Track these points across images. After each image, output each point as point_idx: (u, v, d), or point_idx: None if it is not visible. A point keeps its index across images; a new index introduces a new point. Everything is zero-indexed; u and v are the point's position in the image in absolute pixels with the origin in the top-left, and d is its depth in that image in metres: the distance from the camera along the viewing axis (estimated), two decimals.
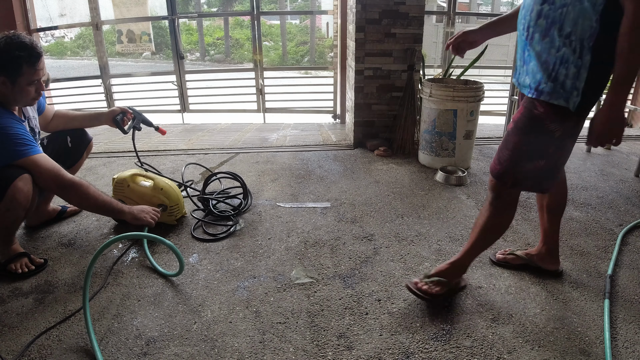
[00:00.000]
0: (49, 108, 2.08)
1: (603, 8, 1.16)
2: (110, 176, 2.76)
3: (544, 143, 1.34)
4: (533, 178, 1.40)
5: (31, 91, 1.71)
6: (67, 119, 2.13)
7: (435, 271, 1.58)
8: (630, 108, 4.18)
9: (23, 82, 1.66)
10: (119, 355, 1.34)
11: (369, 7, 3.07)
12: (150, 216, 1.97)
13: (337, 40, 4.21)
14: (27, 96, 1.71)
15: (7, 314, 1.53)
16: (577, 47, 1.21)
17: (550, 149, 1.34)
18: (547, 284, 1.70)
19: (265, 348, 1.37)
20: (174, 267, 1.78)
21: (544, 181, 1.41)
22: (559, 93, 1.26)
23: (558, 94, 1.26)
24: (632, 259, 1.89)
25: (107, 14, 5.12)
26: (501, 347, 1.38)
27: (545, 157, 1.36)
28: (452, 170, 2.80)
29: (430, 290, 1.53)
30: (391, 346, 1.38)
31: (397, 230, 2.11)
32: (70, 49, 18.00)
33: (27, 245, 1.97)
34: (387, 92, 3.29)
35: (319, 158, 3.16)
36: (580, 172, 2.93)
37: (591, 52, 1.20)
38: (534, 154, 1.36)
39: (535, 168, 1.37)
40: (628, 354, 1.35)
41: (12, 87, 1.66)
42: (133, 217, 1.92)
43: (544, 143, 1.34)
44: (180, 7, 4.09)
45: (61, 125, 2.11)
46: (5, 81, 1.64)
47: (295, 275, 1.75)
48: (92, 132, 2.24)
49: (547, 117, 1.30)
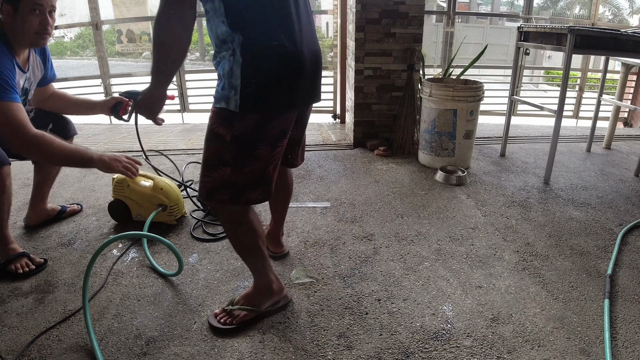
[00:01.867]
0: (52, 85, 2.02)
1: (224, 11, 1.14)
2: (110, 176, 2.76)
3: (220, 150, 1.25)
4: (228, 188, 1.28)
5: (34, 22, 1.59)
6: (65, 102, 2.03)
7: (240, 298, 1.50)
8: (630, 108, 4.18)
9: (25, 9, 1.56)
10: (119, 355, 1.34)
11: (369, 6, 3.07)
12: (123, 165, 1.80)
13: (336, 40, 4.21)
14: (30, 28, 1.59)
15: (7, 314, 1.53)
16: (230, 48, 1.18)
17: (227, 155, 1.25)
18: (547, 284, 1.70)
19: (265, 348, 1.37)
20: (173, 267, 1.78)
21: (247, 191, 1.30)
22: (220, 95, 1.21)
23: (220, 96, 1.21)
24: (632, 258, 1.89)
25: (107, 13, 5.12)
26: (501, 346, 1.38)
27: (229, 164, 1.25)
28: (452, 170, 2.80)
29: (238, 317, 1.45)
30: (391, 346, 1.38)
31: (397, 230, 2.11)
32: (70, 49, 17.99)
33: (27, 245, 1.97)
34: (387, 91, 3.29)
35: (319, 158, 3.15)
36: (580, 172, 2.93)
37: (239, 50, 1.16)
38: (216, 163, 1.26)
39: (222, 177, 1.27)
40: (628, 354, 1.35)
41: (14, 16, 1.56)
42: (104, 165, 1.74)
43: (220, 150, 1.25)
44: None
45: (57, 107, 2.01)
46: (9, 10, 1.55)
47: (295, 275, 1.75)
48: (92, 132, 2.23)
49: (215, 122, 1.24)
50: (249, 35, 1.16)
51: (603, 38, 2.47)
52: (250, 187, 1.31)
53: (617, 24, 11.63)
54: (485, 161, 3.12)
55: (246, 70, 1.17)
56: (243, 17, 1.16)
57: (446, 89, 2.77)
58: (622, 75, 3.41)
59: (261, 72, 1.19)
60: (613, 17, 17.73)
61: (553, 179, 2.77)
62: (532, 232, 2.10)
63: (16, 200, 2.45)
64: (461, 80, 3.14)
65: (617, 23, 14.91)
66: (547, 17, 13.13)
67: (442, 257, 1.87)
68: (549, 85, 9.19)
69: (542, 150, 3.36)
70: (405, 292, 1.64)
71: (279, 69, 1.21)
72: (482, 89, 2.84)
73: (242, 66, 1.17)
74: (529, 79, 7.82)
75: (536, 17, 4.94)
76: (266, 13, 1.18)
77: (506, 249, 1.95)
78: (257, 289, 1.50)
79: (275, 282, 1.52)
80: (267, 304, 1.50)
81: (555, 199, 2.49)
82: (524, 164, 3.05)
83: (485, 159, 3.19)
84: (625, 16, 17.54)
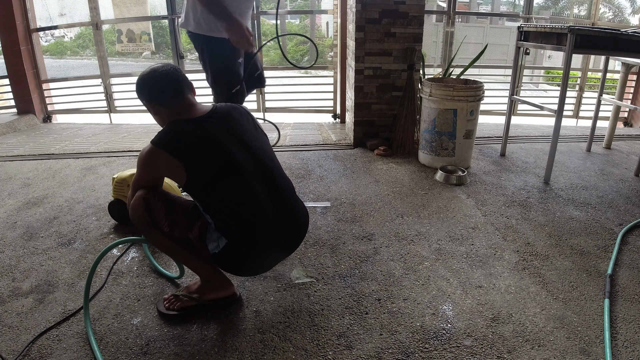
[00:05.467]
0: None
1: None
2: (110, 176, 2.76)
3: None
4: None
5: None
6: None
7: (186, 286, 1.58)
8: (630, 107, 4.18)
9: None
10: (119, 355, 1.34)
11: (369, 6, 3.07)
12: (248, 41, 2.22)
13: (337, 39, 4.21)
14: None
15: (7, 313, 1.53)
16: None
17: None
18: (547, 284, 1.70)
19: (266, 347, 1.37)
20: (174, 268, 1.78)
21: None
22: None
23: None
24: (632, 258, 1.89)
25: (107, 13, 5.12)
26: (501, 346, 1.38)
27: None
28: (452, 170, 2.80)
29: (179, 303, 1.52)
30: (391, 346, 1.38)
31: (397, 230, 2.11)
32: (70, 49, 17.99)
33: (27, 245, 1.97)
34: (387, 91, 3.29)
35: (319, 157, 3.15)
36: (580, 172, 2.93)
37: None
38: None
39: None
40: (628, 354, 1.35)
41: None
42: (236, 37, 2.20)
43: None
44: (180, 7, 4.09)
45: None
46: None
47: (295, 275, 1.75)
48: (92, 132, 2.23)
49: None
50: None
51: (603, 38, 2.47)
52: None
53: (617, 24, 11.62)
54: (486, 161, 3.12)
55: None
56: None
57: (446, 89, 2.76)
58: (622, 75, 3.41)
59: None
60: (614, 16, 17.71)
61: (553, 178, 2.76)
62: (532, 232, 2.10)
63: (16, 200, 2.45)
64: (461, 80, 3.14)
65: (618, 23, 14.90)
66: (548, 16, 13.12)
67: (442, 257, 1.87)
68: (549, 85, 9.18)
69: (542, 150, 3.36)
70: (405, 292, 1.64)
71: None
72: (482, 88, 2.84)
73: None
74: (529, 79, 7.82)
75: (536, 16, 4.94)
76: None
77: (506, 249, 1.95)
78: (201, 280, 1.55)
79: (220, 278, 1.54)
80: (211, 295, 1.53)
81: (556, 198, 2.49)
82: (524, 164, 3.05)
83: (485, 158, 3.19)
84: (626, 16, 17.53)
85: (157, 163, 1.38)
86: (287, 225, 1.51)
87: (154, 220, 1.41)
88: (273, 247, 1.50)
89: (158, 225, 1.42)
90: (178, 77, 1.45)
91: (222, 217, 1.41)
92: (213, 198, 1.41)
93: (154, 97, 1.45)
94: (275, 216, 1.46)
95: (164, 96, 1.44)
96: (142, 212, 1.40)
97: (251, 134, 1.52)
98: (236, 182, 1.41)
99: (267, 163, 1.51)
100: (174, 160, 1.35)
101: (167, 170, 1.40)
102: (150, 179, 1.43)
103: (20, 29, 4.26)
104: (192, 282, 1.60)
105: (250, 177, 1.43)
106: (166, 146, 1.36)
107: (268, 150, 1.56)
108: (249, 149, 1.46)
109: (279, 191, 1.50)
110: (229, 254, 1.43)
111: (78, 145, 3.53)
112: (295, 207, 1.56)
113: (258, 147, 1.50)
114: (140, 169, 1.41)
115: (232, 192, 1.41)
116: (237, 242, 1.41)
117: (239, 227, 1.41)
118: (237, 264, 1.47)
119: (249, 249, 1.43)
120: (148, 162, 1.39)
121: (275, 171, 1.53)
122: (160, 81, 1.43)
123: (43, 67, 4.62)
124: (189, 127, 1.41)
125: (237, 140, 1.45)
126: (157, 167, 1.39)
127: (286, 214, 1.50)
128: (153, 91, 1.45)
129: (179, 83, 1.45)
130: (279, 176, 1.54)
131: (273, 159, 1.55)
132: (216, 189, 1.40)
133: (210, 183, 1.39)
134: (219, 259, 1.45)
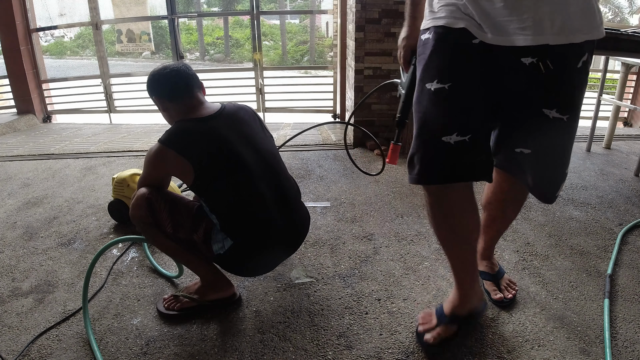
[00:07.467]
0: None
1: None
2: (109, 176, 2.76)
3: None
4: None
5: None
6: None
7: (187, 287, 1.57)
8: (630, 107, 4.18)
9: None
10: (119, 355, 1.34)
11: (369, 6, 3.07)
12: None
13: (336, 39, 4.21)
14: None
15: (7, 314, 1.53)
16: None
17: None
18: (547, 284, 1.70)
19: (266, 347, 1.37)
20: (173, 267, 1.78)
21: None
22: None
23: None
24: (632, 258, 1.89)
25: (106, 13, 5.13)
26: (501, 346, 1.38)
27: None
28: None
29: (180, 304, 1.52)
30: (391, 346, 1.38)
31: (397, 230, 2.11)
32: (69, 49, 18.01)
33: (27, 245, 1.97)
34: (387, 91, 3.29)
35: (319, 157, 3.15)
36: (580, 172, 2.93)
37: None
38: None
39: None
40: (628, 354, 1.35)
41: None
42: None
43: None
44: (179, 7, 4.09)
45: None
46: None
47: (295, 275, 1.75)
48: (92, 132, 2.23)
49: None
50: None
51: (603, 38, 2.46)
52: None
53: (617, 24, 11.61)
54: None
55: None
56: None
57: None
58: (622, 75, 3.41)
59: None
60: (613, 16, 17.71)
61: None
62: (532, 232, 2.10)
63: (16, 200, 2.45)
64: None
65: (618, 22, 14.90)
66: None
67: (442, 257, 1.87)
68: None
69: None
70: (405, 292, 1.64)
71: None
72: None
73: None
74: None
75: None
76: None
77: (506, 249, 1.95)
78: (201, 280, 1.55)
79: (220, 279, 1.54)
80: (211, 296, 1.53)
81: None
82: None
83: None
84: (625, 16, 17.53)
85: (165, 162, 1.38)
86: (291, 226, 1.51)
87: (157, 221, 1.41)
88: (277, 248, 1.50)
89: (161, 226, 1.42)
90: (189, 75, 1.46)
91: (228, 218, 1.41)
92: (220, 198, 1.41)
93: (164, 93, 1.45)
94: (280, 218, 1.47)
95: (174, 92, 1.44)
96: (144, 212, 1.40)
97: (258, 135, 1.52)
98: (243, 182, 1.41)
99: (274, 165, 1.51)
100: (182, 159, 1.35)
101: (175, 169, 1.40)
102: (157, 178, 1.43)
103: (20, 29, 4.26)
104: (192, 283, 1.60)
105: (257, 178, 1.43)
106: (174, 145, 1.36)
107: (274, 152, 1.56)
108: (256, 150, 1.46)
109: (284, 193, 1.50)
110: (233, 255, 1.43)
111: (78, 145, 3.53)
112: (298, 209, 1.57)
113: (265, 149, 1.50)
114: (148, 167, 1.41)
115: (239, 193, 1.41)
116: (242, 243, 1.41)
117: (245, 228, 1.42)
118: (241, 265, 1.48)
119: (254, 250, 1.43)
120: (156, 160, 1.39)
121: (282, 173, 1.54)
122: (170, 78, 1.44)
123: (43, 67, 4.62)
124: (197, 126, 1.41)
125: (245, 141, 1.45)
126: (165, 166, 1.40)
127: (290, 216, 1.51)
128: (163, 87, 1.45)
129: (189, 80, 1.45)
130: (284, 178, 1.54)
131: (279, 161, 1.56)
132: (223, 188, 1.40)
133: (217, 183, 1.39)
134: (223, 259, 1.45)
